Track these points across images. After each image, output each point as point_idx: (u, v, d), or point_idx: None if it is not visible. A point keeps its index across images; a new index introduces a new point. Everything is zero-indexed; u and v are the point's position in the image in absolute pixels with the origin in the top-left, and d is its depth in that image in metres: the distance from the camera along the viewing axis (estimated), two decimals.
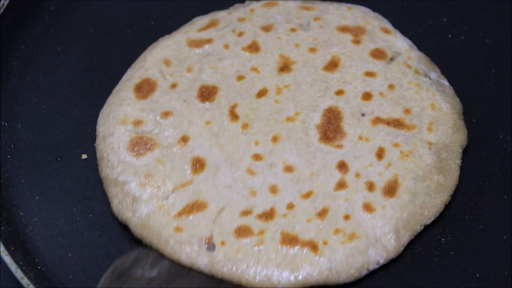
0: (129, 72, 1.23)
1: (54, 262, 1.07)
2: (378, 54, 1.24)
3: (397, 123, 1.15)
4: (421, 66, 1.23)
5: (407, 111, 1.17)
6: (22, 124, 1.21)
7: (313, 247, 1.04)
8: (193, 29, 1.28)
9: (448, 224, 1.09)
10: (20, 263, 1.04)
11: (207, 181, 1.09)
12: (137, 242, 1.07)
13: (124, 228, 1.08)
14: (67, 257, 1.07)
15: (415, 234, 1.08)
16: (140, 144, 1.13)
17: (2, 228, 1.08)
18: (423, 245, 1.07)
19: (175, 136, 1.14)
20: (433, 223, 1.08)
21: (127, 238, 1.09)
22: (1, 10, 1.27)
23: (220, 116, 1.16)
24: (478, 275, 1.05)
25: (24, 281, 1.02)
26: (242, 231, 1.05)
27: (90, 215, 1.11)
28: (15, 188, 1.14)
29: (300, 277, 1.02)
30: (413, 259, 1.06)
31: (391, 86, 1.20)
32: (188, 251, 1.04)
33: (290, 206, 1.07)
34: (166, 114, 1.16)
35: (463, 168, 1.12)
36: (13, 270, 1.02)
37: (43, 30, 1.32)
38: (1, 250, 1.04)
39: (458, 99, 1.21)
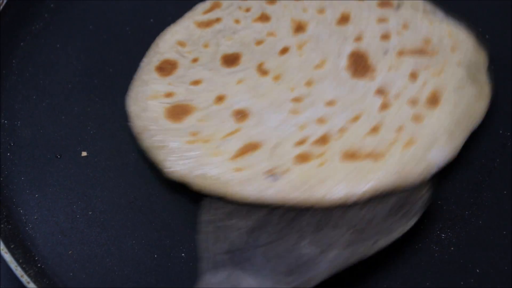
0: (145, 60, 1.22)
1: (54, 260, 1.06)
2: (385, 4, 1.27)
3: (421, 52, 1.19)
4: (428, 7, 1.27)
5: (427, 41, 1.20)
6: (21, 121, 1.20)
7: (376, 156, 1.07)
8: (197, 13, 1.28)
9: (447, 219, 1.08)
10: (20, 260, 1.03)
11: (255, 126, 1.11)
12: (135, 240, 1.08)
13: (124, 225, 1.09)
14: (67, 255, 1.07)
15: (467, 136, 1.12)
16: (178, 110, 1.14)
17: (2, 226, 1.07)
18: (423, 240, 1.07)
19: (210, 97, 1.15)
20: (433, 218, 1.08)
21: (127, 236, 1.09)
22: (1, 7, 1.24)
23: (250, 75, 1.17)
24: (478, 270, 1.04)
25: (24, 279, 1.01)
26: (302, 157, 1.07)
27: (90, 213, 1.10)
28: (14, 185, 1.14)
29: (368, 186, 1.04)
30: (413, 255, 1.06)
31: (405, 25, 1.23)
32: (254, 187, 1.05)
33: (342, 130, 1.10)
34: (196, 82, 1.17)
35: (462, 164, 1.12)
36: (13, 268, 1.02)
37: (43, 28, 1.31)
38: (1, 248, 1.02)
39: (468, 30, 1.25)
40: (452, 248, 1.06)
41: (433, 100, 1.12)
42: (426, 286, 1.03)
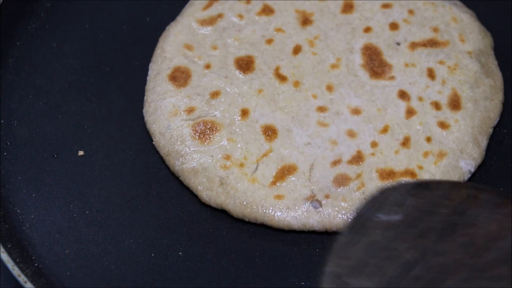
0: (153, 67, 1.20)
1: (51, 259, 1.06)
2: None
3: (432, 43, 1.19)
4: None
5: (435, 29, 1.21)
6: (18, 121, 1.19)
7: (411, 174, 1.08)
8: (196, 9, 1.25)
9: None
10: (17, 260, 1.02)
11: (285, 145, 1.10)
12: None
13: (122, 224, 1.09)
14: (64, 254, 1.06)
15: (489, 137, 1.13)
16: (204, 130, 1.12)
17: None
18: None
19: (234, 112, 1.13)
20: None
21: (125, 235, 1.09)
22: None
23: (269, 82, 1.15)
24: None
25: (21, 278, 1.00)
26: (340, 180, 1.07)
27: (87, 212, 1.10)
28: (11, 185, 1.13)
29: None
30: None
31: (410, 12, 1.23)
32: (296, 215, 1.05)
33: (374, 144, 1.10)
34: (214, 95, 1.15)
35: None
36: (10, 267, 1.01)
37: (39, 27, 1.30)
38: None
39: (468, 9, 1.26)
40: None
41: (454, 104, 1.13)
42: None
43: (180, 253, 1.05)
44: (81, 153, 1.15)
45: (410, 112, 1.13)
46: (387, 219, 0.90)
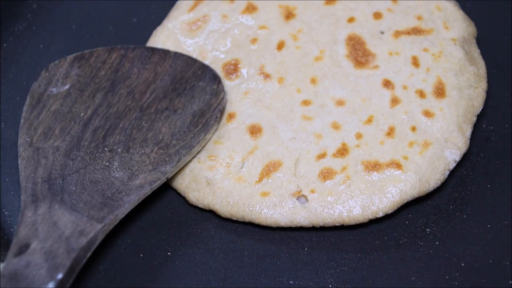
0: None
1: None
2: None
3: (416, 31, 1.19)
4: None
5: (419, 18, 1.21)
6: (5, 123, 1.18)
7: (397, 165, 1.07)
8: (182, 12, 1.24)
9: (432, 214, 1.09)
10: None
11: (271, 141, 1.10)
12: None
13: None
14: None
15: (473, 125, 1.12)
16: None
17: None
18: (408, 236, 1.07)
19: (223, 117, 1.13)
20: (417, 213, 1.09)
21: (113, 235, 1.09)
22: None
23: (255, 83, 1.15)
24: (462, 264, 1.05)
25: None
26: (326, 174, 1.07)
27: None
28: None
29: (396, 198, 1.06)
30: (398, 250, 1.06)
31: (394, 1, 1.23)
32: (283, 211, 1.05)
33: (358, 135, 1.10)
34: None
35: None
36: None
37: (25, 28, 1.30)
38: None
39: None
40: (437, 243, 1.06)
41: (439, 92, 1.13)
42: (412, 280, 1.03)
43: (168, 253, 1.05)
44: None
45: (394, 101, 1.13)
46: (58, 90, 1.11)
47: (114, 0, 1.33)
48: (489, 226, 1.07)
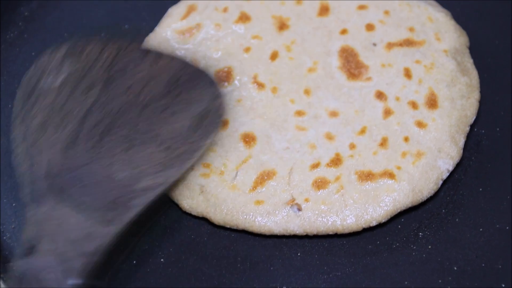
0: None
1: None
2: None
3: (408, 43, 1.20)
4: None
5: (411, 29, 1.21)
6: None
7: (390, 175, 1.08)
8: (174, 20, 1.24)
9: (424, 218, 1.09)
10: None
11: (265, 150, 1.10)
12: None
13: None
14: None
15: (466, 135, 1.13)
16: None
17: None
18: (401, 240, 1.07)
19: None
20: (410, 217, 1.09)
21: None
22: None
23: (248, 91, 1.16)
24: (455, 268, 1.05)
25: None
26: (320, 183, 1.08)
27: None
28: None
29: (389, 207, 1.06)
30: (391, 254, 1.06)
31: (386, 12, 1.23)
32: (277, 219, 1.06)
33: (352, 146, 1.10)
34: None
35: None
36: None
37: (17, 36, 1.29)
38: None
39: (443, 8, 1.26)
40: (429, 247, 1.06)
41: (431, 103, 1.13)
42: (405, 285, 1.04)
43: (162, 259, 1.06)
44: None
45: (387, 113, 1.13)
46: (50, 84, 1.06)
47: (105, 7, 1.33)
48: (481, 229, 1.07)
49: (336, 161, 1.09)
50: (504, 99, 1.19)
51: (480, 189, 1.11)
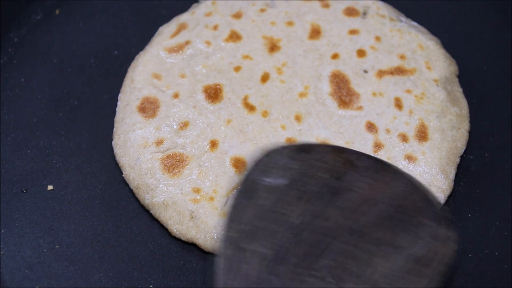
0: (122, 98, 1.20)
1: None
2: (350, 12, 1.29)
3: (399, 71, 1.21)
4: (392, 13, 1.30)
5: (402, 57, 1.22)
6: None
7: None
8: (164, 38, 1.25)
9: None
10: None
11: None
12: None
13: (92, 258, 1.08)
14: None
15: (457, 166, 1.14)
16: (173, 162, 1.12)
17: None
18: None
19: (203, 144, 1.13)
20: None
21: (95, 269, 1.08)
22: None
23: (238, 112, 1.16)
24: None
25: None
26: None
27: (57, 246, 1.09)
28: None
29: None
30: None
31: (377, 38, 1.25)
32: None
33: None
34: (183, 126, 1.15)
35: None
36: None
37: (7, 62, 1.29)
38: None
39: (433, 36, 1.28)
40: None
41: (422, 135, 1.14)
42: None
43: (151, 286, 1.05)
44: (50, 187, 1.15)
45: (377, 146, 1.13)
46: (272, 182, 0.95)
47: (95, 33, 1.34)
48: (470, 255, 1.07)
49: None
50: (492, 125, 1.20)
51: (469, 215, 1.11)
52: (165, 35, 1.26)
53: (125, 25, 1.35)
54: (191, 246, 1.08)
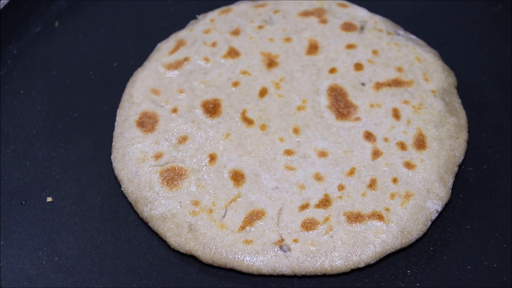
0: (121, 113, 1.20)
1: None
2: (348, 27, 1.30)
3: (396, 83, 1.21)
4: (389, 27, 1.31)
5: (399, 69, 1.23)
6: None
7: (379, 217, 1.08)
8: (163, 54, 1.25)
9: (413, 256, 1.09)
10: None
11: (253, 189, 1.10)
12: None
13: (91, 270, 1.08)
14: None
15: (455, 175, 1.13)
16: (172, 176, 1.12)
17: None
18: (389, 278, 1.07)
19: (202, 158, 1.13)
20: (398, 255, 1.09)
21: (94, 281, 1.08)
22: None
23: (236, 126, 1.16)
24: None
25: None
26: (309, 224, 1.07)
27: (56, 259, 1.09)
28: None
29: (378, 249, 1.06)
30: None
31: (374, 52, 1.25)
32: (265, 259, 1.05)
33: (341, 187, 1.10)
34: (182, 140, 1.15)
35: None
36: None
37: (6, 74, 1.29)
38: None
39: (431, 48, 1.28)
40: (417, 284, 1.06)
41: (420, 144, 1.14)
42: None
43: None
44: (49, 199, 1.15)
45: (376, 154, 1.14)
46: None
47: (94, 45, 1.34)
48: (469, 267, 1.07)
49: (325, 202, 1.09)
50: (491, 137, 1.20)
51: (468, 227, 1.11)
52: (163, 52, 1.26)
53: (124, 37, 1.36)
54: (190, 258, 1.08)
